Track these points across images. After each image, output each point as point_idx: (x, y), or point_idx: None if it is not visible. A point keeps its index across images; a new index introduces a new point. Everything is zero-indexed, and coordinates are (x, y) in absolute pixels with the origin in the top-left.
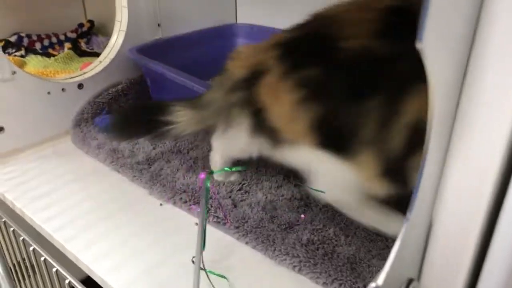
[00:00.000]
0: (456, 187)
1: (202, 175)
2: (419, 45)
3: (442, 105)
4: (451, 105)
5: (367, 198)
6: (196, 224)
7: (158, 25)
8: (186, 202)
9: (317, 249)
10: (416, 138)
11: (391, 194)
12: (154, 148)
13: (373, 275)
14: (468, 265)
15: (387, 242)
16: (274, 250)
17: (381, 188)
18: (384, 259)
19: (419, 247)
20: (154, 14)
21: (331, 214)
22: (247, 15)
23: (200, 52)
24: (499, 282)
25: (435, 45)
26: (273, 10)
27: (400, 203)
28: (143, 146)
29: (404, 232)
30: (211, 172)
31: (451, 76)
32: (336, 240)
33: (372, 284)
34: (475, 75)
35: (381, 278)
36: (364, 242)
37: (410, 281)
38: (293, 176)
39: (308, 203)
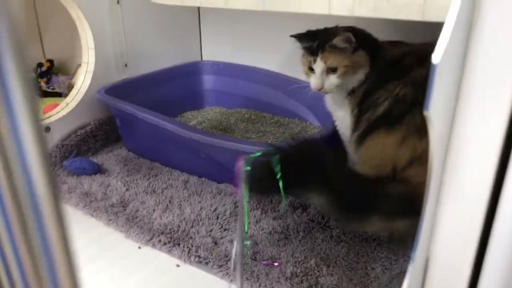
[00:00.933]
0: (449, 225)
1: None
2: (425, 113)
3: (438, 159)
4: (443, 158)
5: None
6: (178, 265)
7: (125, 65)
8: (165, 244)
9: (301, 282)
10: None
11: None
12: (127, 189)
13: None
14: None
15: (366, 270)
16: (260, 286)
17: None
18: (365, 286)
19: (419, 283)
20: (121, 55)
21: (311, 245)
22: (211, 53)
23: (167, 90)
24: None
25: (438, 112)
26: (237, 47)
27: None
28: (116, 187)
29: (411, 270)
30: (250, 157)
31: (444, 134)
32: (318, 271)
33: None
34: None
35: None
36: (345, 271)
37: None
38: (270, 210)
39: (288, 235)
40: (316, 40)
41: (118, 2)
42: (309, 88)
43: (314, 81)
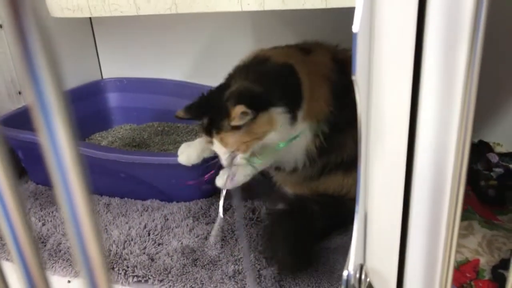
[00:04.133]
0: (378, 183)
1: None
2: (353, 77)
3: (363, 122)
4: (366, 121)
5: None
6: None
7: (19, 93)
8: None
9: (245, 278)
10: None
11: None
12: (44, 224)
13: (300, 286)
14: (398, 241)
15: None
16: None
17: None
18: (305, 270)
19: (362, 236)
20: (12, 83)
21: (247, 241)
22: (111, 69)
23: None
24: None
25: (362, 76)
26: (138, 61)
27: None
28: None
29: (357, 223)
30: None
31: (365, 97)
32: (259, 264)
33: (345, 272)
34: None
35: (350, 265)
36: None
37: (361, 266)
38: (202, 216)
39: (224, 236)
40: (205, 117)
41: (1, 26)
42: None
43: (223, 161)
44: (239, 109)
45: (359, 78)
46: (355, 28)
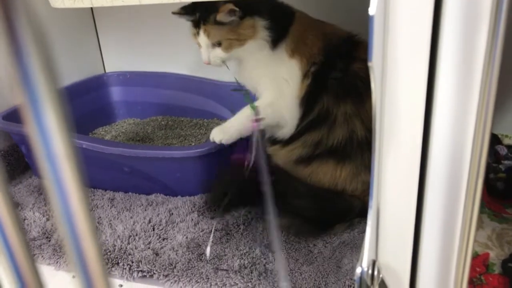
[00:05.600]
0: (392, 176)
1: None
2: (369, 64)
3: (378, 113)
4: (380, 111)
5: None
6: (121, 286)
7: None
8: None
9: (251, 272)
10: None
11: None
12: (48, 219)
13: (307, 281)
14: (412, 236)
15: (309, 247)
16: (211, 285)
17: None
18: (311, 263)
19: (374, 232)
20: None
21: (253, 235)
22: (115, 63)
23: (73, 109)
24: (436, 248)
25: (378, 62)
26: (141, 54)
27: None
28: (34, 219)
29: (371, 219)
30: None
31: (380, 85)
32: (265, 259)
33: (358, 269)
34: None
35: (364, 261)
36: (290, 253)
37: (373, 262)
38: (207, 210)
39: (229, 231)
40: (197, 13)
41: None
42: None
43: (202, 54)
44: (228, 5)
45: (375, 64)
46: (372, 10)
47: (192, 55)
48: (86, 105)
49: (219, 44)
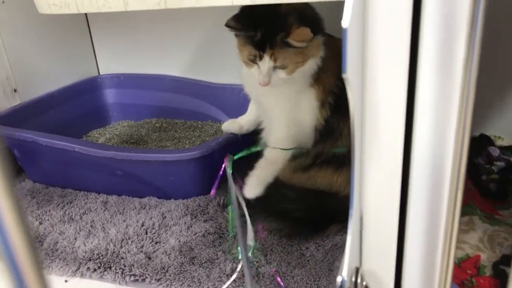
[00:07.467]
0: (374, 184)
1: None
2: (343, 75)
3: (357, 120)
4: (360, 119)
5: None
6: None
7: (15, 90)
8: (95, 270)
9: (243, 276)
10: None
11: None
12: (40, 223)
13: (299, 284)
14: (395, 242)
15: (301, 250)
16: None
17: None
18: (303, 266)
19: (357, 239)
20: (7, 80)
21: (245, 238)
22: (108, 65)
23: (67, 111)
24: (418, 254)
25: (354, 74)
26: (135, 56)
27: None
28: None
29: (351, 227)
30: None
31: (359, 97)
32: (257, 262)
33: (339, 278)
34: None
35: (344, 271)
36: (282, 256)
37: (357, 269)
38: (200, 213)
39: (222, 234)
40: (260, 29)
41: None
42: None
43: (260, 77)
44: (305, 32)
45: (350, 75)
46: (345, 23)
47: (185, 57)
48: (80, 108)
49: (283, 66)
